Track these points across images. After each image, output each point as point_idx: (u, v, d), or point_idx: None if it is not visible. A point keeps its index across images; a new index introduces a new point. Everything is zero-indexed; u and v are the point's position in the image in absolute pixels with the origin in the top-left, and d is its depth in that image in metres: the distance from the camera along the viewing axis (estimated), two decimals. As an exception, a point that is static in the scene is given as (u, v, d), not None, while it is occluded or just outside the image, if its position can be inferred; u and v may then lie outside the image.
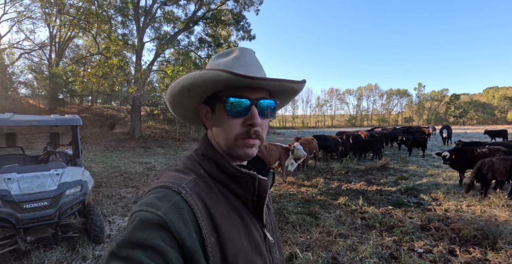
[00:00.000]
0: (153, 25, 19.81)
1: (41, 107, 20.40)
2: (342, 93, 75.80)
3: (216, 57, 0.68)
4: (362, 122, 70.13)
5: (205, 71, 0.58)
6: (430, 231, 4.06)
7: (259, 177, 0.62)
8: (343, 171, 8.65)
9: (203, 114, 0.68)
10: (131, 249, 0.46)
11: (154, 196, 0.54)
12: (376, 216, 4.52)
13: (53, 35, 22.87)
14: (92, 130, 19.43)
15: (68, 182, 3.37)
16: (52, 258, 3.20)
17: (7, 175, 3.16)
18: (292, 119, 71.71)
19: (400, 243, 3.64)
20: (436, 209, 5.00)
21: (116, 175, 8.00)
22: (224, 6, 19.67)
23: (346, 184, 7.01)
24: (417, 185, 6.74)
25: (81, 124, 4.40)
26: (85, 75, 16.58)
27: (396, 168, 8.94)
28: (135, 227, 0.49)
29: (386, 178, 7.54)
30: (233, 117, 0.62)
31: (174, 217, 0.50)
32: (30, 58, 23.19)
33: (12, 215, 2.90)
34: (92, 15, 14.21)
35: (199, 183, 0.60)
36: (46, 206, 3.10)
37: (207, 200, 0.57)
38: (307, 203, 5.34)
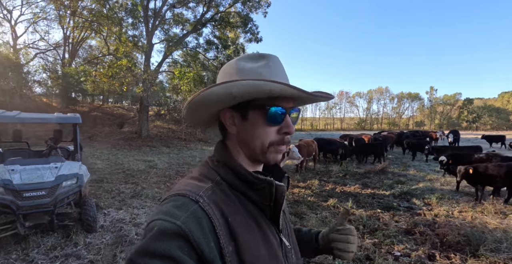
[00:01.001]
0: (163, 27, 20.22)
1: (54, 106, 21.15)
2: (352, 96, 75.03)
3: (242, 61, 0.67)
4: (372, 126, 69.21)
5: (263, 82, 0.58)
6: (414, 235, 4.08)
7: (276, 183, 0.62)
8: (341, 174, 8.69)
9: (227, 119, 0.67)
10: (149, 259, 0.47)
11: (172, 205, 0.54)
12: (361, 219, 4.58)
13: (66, 36, 23.77)
14: (101, 129, 19.96)
15: (65, 175, 3.68)
16: (47, 243, 3.49)
17: (11, 166, 3.51)
18: (301, 121, 71.34)
19: (379, 246, 3.70)
20: (426, 214, 5.02)
21: (119, 172, 8.29)
22: (232, 8, 19.93)
23: (341, 186, 7.07)
24: (412, 189, 6.73)
25: (80, 122, 4.64)
26: (97, 75, 17.09)
27: (395, 172, 8.92)
28: (153, 236, 0.49)
29: (382, 182, 7.55)
30: (270, 125, 0.64)
31: (193, 226, 0.50)
32: (45, 58, 24.26)
33: (13, 202, 3.23)
34: (103, 18, 14.69)
35: (216, 191, 0.60)
36: (43, 195, 3.41)
37: (224, 209, 0.57)
38: (296, 204, 5.45)
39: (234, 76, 0.65)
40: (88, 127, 19.30)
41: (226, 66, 0.69)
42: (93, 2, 14.82)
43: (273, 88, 0.58)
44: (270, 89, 0.58)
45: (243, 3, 19.18)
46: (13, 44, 21.55)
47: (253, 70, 0.64)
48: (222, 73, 0.69)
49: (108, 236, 3.83)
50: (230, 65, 0.68)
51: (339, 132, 47.26)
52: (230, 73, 0.66)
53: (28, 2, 20.33)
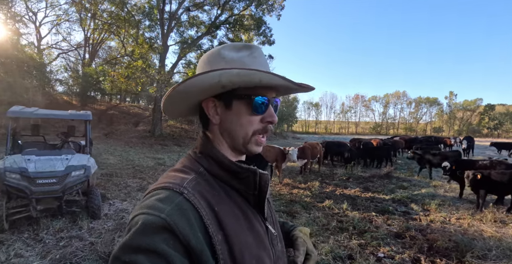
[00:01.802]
0: (178, 29, 20.76)
1: (74, 104, 22.23)
2: (368, 100, 73.68)
3: (226, 50, 0.66)
4: (387, 130, 67.65)
5: (253, 71, 0.59)
6: (404, 239, 4.12)
7: (260, 172, 0.63)
8: (345, 177, 8.73)
9: (210, 108, 0.67)
10: (134, 254, 0.46)
11: (155, 198, 0.53)
12: (353, 220, 4.68)
13: (87, 37, 24.98)
14: (117, 127, 20.70)
15: (74, 166, 4.09)
16: (56, 226, 3.92)
17: (27, 156, 3.95)
18: (315, 124, 70.92)
19: (365, 247, 3.78)
20: (421, 219, 5.02)
21: (128, 167, 8.70)
22: (247, 11, 20.21)
23: (342, 189, 7.13)
24: (413, 194, 6.71)
25: (91, 119, 5.01)
26: (115, 75, 17.80)
27: (400, 177, 8.86)
28: (137, 230, 0.48)
29: (384, 186, 7.55)
30: (254, 115, 0.65)
31: (178, 218, 0.50)
32: (67, 58, 25.68)
33: (27, 187, 3.66)
34: (121, 20, 15.35)
35: (200, 181, 0.60)
36: (54, 183, 3.83)
37: (210, 199, 0.57)
38: (291, 203, 5.59)
39: (217, 64, 0.64)
40: (104, 124, 20.10)
41: (207, 55, 0.69)
42: (112, 5, 15.53)
43: (263, 78, 0.60)
44: (260, 78, 0.59)
45: (256, 6, 19.42)
46: (37, 44, 22.91)
47: (237, 60, 0.64)
48: (203, 62, 0.69)
49: (110, 223, 4.18)
50: (212, 53, 0.67)
51: (353, 136, 46.69)
52: (212, 61, 0.66)
53: (52, 5, 21.68)
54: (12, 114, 4.23)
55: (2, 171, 3.65)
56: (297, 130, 59.37)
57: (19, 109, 4.34)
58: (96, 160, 8.95)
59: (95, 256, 3.20)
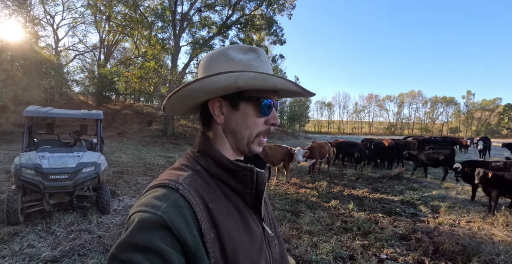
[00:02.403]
0: (190, 30, 21.02)
1: (90, 103, 22.97)
2: (382, 99, 72.05)
3: (232, 51, 0.67)
4: (402, 131, 66.06)
5: (268, 76, 0.61)
6: (409, 241, 4.05)
7: (257, 170, 0.63)
8: (354, 178, 8.65)
9: (215, 108, 0.66)
10: (131, 252, 0.46)
11: (152, 196, 0.54)
12: (357, 221, 4.65)
13: (102, 39, 25.81)
14: (131, 126, 21.20)
15: (85, 162, 4.28)
16: (67, 220, 4.13)
17: (42, 153, 4.17)
18: (328, 124, 70.21)
19: (368, 248, 3.76)
20: (430, 222, 4.93)
21: (140, 165, 8.92)
22: (258, 10, 20.25)
23: (350, 190, 7.08)
24: (423, 196, 6.58)
25: (102, 118, 5.19)
26: (129, 76, 18.25)
27: (411, 179, 8.70)
28: (134, 228, 0.49)
29: (393, 187, 7.44)
30: (260, 117, 0.66)
31: (174, 215, 0.50)
32: (83, 59, 26.66)
33: (41, 182, 3.87)
34: (134, 22, 15.71)
35: (196, 179, 0.60)
36: (66, 179, 4.03)
37: (205, 196, 0.57)
38: (297, 203, 5.60)
39: (223, 65, 0.65)
40: (119, 124, 20.63)
41: (211, 56, 0.69)
42: (126, 8, 15.94)
43: (277, 82, 0.62)
44: (275, 82, 0.62)
45: (267, 5, 19.43)
46: (55, 46, 23.82)
47: (245, 62, 0.65)
48: (208, 62, 0.69)
49: (118, 218, 4.35)
50: (218, 54, 0.67)
51: (367, 136, 45.98)
52: (218, 62, 0.66)
53: (68, 8, 22.57)
54: (28, 113, 4.46)
55: (18, 167, 3.87)
56: (309, 130, 58.99)
57: (35, 109, 4.56)
58: (109, 158, 9.30)
59: (101, 248, 3.35)
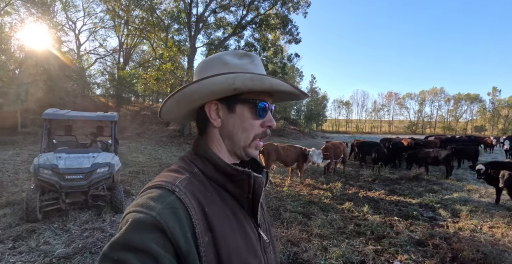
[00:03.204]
0: (206, 31, 21.26)
1: (110, 105, 23.79)
2: (402, 97, 69.69)
3: (228, 56, 0.68)
4: (424, 130, 63.63)
5: (265, 77, 0.62)
6: (426, 247, 3.86)
7: (254, 175, 0.63)
8: (370, 179, 8.42)
9: (212, 111, 0.67)
10: (123, 252, 0.46)
11: (148, 196, 0.54)
12: (371, 224, 4.49)
13: (121, 43, 26.73)
14: (149, 127, 21.73)
15: (99, 163, 4.41)
16: (82, 218, 4.28)
17: (59, 154, 4.35)
18: (346, 123, 68.96)
19: (381, 253, 3.62)
20: (449, 226, 4.69)
21: (155, 165, 9.11)
22: (273, 10, 20.15)
23: (365, 191, 6.88)
24: (443, 199, 6.29)
25: (116, 119, 5.33)
26: (147, 78, 18.71)
27: (431, 180, 8.33)
28: (128, 228, 0.48)
29: (411, 189, 7.16)
30: (257, 119, 0.67)
31: (169, 217, 0.50)
32: (104, 62, 27.73)
33: (57, 182, 4.03)
34: (151, 26, 16.10)
35: (193, 181, 0.60)
36: (81, 179, 4.17)
37: (201, 199, 0.57)
38: (309, 204, 5.50)
39: (220, 69, 0.65)
40: (137, 124, 21.21)
41: (206, 61, 0.70)
42: (143, 12, 16.36)
43: (273, 83, 0.62)
44: (271, 83, 0.62)
45: (282, 4, 19.30)
46: (77, 51, 24.89)
47: (240, 66, 0.66)
48: (203, 67, 0.69)
49: (130, 218, 4.45)
50: (214, 59, 0.68)
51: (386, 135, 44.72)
52: (214, 65, 0.67)
53: (89, 14, 23.54)
54: (46, 116, 4.65)
55: (36, 167, 4.06)
56: (327, 129, 58.12)
57: (53, 111, 4.75)
58: (126, 158, 9.56)
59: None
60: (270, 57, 21.65)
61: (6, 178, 6.56)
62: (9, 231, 3.71)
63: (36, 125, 13.55)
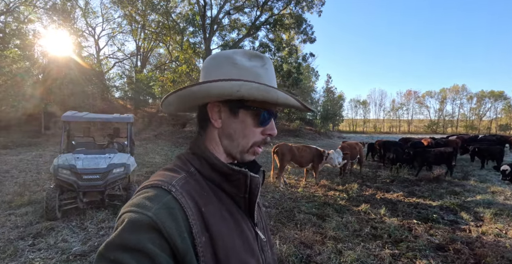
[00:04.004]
0: (220, 33, 21.46)
1: (128, 107, 24.43)
2: (422, 96, 66.87)
3: (239, 56, 0.65)
4: (445, 129, 60.96)
5: (273, 89, 0.60)
6: (446, 252, 3.69)
7: (251, 175, 0.62)
8: (388, 180, 8.17)
9: (214, 112, 0.66)
10: (120, 252, 0.46)
11: (144, 196, 0.53)
12: (389, 227, 4.34)
13: (138, 46, 27.42)
14: (166, 128, 22.16)
15: (115, 163, 4.53)
16: (99, 217, 4.38)
17: (77, 155, 4.50)
18: (363, 123, 67.39)
19: (398, 258, 3.48)
20: (471, 230, 4.46)
21: (171, 166, 9.24)
22: (288, 9, 20.06)
23: (383, 193, 6.68)
24: (465, 201, 6.00)
25: (132, 121, 5.46)
26: (163, 80, 19.09)
27: (452, 181, 7.98)
28: (124, 228, 0.48)
29: (432, 191, 6.88)
30: (258, 127, 0.65)
31: (165, 217, 0.49)
32: (122, 66, 28.54)
33: (75, 181, 4.18)
34: (167, 29, 16.43)
35: (190, 181, 0.59)
36: (98, 179, 4.30)
37: (198, 199, 0.57)
38: (324, 206, 5.39)
39: (229, 70, 0.63)
40: (155, 126, 21.66)
41: (217, 58, 0.67)
42: (159, 16, 16.72)
43: (280, 97, 0.61)
44: (278, 97, 0.61)
45: (296, 3, 19.18)
46: (96, 55, 25.74)
47: (250, 68, 0.64)
48: (212, 64, 0.67)
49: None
50: (222, 56, 0.66)
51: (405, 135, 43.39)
52: (222, 65, 0.64)
53: (107, 19, 24.34)
54: (65, 118, 4.83)
55: (56, 167, 4.22)
56: (343, 130, 57.09)
57: (71, 114, 4.92)
58: (143, 158, 9.77)
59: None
60: (285, 57, 21.56)
61: (29, 178, 6.86)
62: (30, 228, 3.87)
63: (58, 127, 14.13)
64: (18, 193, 5.36)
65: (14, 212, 4.48)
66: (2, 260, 3.08)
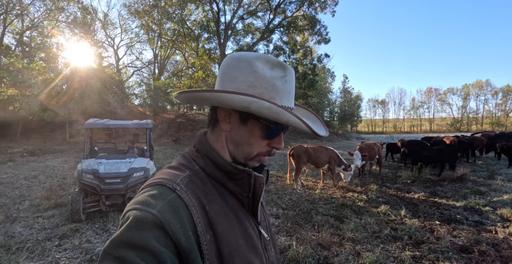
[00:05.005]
0: (235, 38, 21.73)
1: (148, 114, 25.16)
2: (443, 93, 64.03)
3: (260, 63, 0.62)
4: (469, 126, 58.06)
5: (283, 111, 0.57)
6: (470, 254, 3.53)
7: (255, 174, 0.63)
8: (409, 180, 7.92)
9: (223, 116, 0.65)
10: (124, 249, 0.46)
11: (148, 194, 0.53)
12: (409, 229, 4.21)
13: (155, 55, 28.34)
14: (184, 133, 22.57)
15: (135, 168, 4.72)
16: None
17: (99, 160, 4.73)
18: (382, 123, 65.72)
19: (419, 260, 3.37)
20: (498, 232, 4.24)
21: (188, 170, 9.42)
22: (300, 11, 20.04)
23: (403, 194, 6.50)
24: (491, 201, 5.72)
25: (151, 126, 5.65)
26: (181, 86, 19.54)
27: (477, 181, 7.62)
28: (128, 226, 0.48)
29: (455, 191, 6.61)
30: (265, 139, 0.64)
31: (170, 215, 0.50)
32: (141, 74, 29.59)
33: (98, 185, 4.37)
34: (182, 37, 16.88)
35: (194, 179, 0.60)
36: (119, 182, 4.48)
37: (202, 197, 0.57)
38: (342, 208, 5.31)
39: (247, 76, 0.61)
40: (173, 131, 22.13)
41: (239, 60, 0.63)
42: (174, 24, 17.22)
43: (290, 120, 0.58)
44: (288, 120, 0.58)
45: (309, 5, 19.14)
46: (116, 65, 26.85)
47: (269, 79, 0.61)
48: (232, 66, 0.63)
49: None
50: (245, 61, 0.62)
51: (427, 134, 41.83)
52: (241, 70, 0.62)
53: (125, 30, 25.43)
54: (88, 125, 5.07)
55: (79, 172, 4.43)
56: (362, 130, 55.98)
57: (93, 121, 5.17)
58: (162, 163, 10.02)
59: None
60: (299, 59, 21.50)
61: (55, 183, 7.23)
62: (56, 230, 4.08)
63: (81, 135, 14.82)
64: (45, 197, 5.64)
65: (41, 215, 4.73)
66: (31, 259, 3.26)
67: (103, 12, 27.72)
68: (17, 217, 4.64)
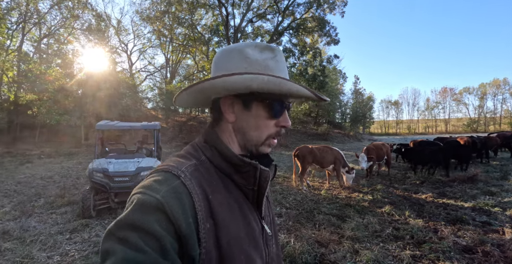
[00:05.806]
0: (244, 41, 21.96)
1: (160, 117, 25.74)
2: (459, 93, 62.23)
3: (250, 49, 0.64)
4: (487, 127, 55.71)
5: (284, 81, 0.59)
6: (473, 254, 3.47)
7: (261, 167, 0.63)
8: (418, 181, 7.81)
9: (227, 106, 0.66)
10: (128, 231, 0.47)
11: (154, 179, 0.55)
12: (412, 229, 4.19)
13: (167, 59, 29.19)
14: (196, 136, 22.73)
15: (143, 167, 4.92)
16: None
17: (109, 159, 4.97)
18: (396, 124, 64.50)
19: (419, 259, 3.35)
20: (506, 232, 4.15)
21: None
22: (310, 13, 20.07)
23: (411, 194, 6.43)
24: (502, 202, 5.58)
25: (159, 128, 5.86)
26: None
27: (489, 182, 7.42)
28: (133, 209, 0.50)
29: (465, 192, 6.48)
30: (271, 119, 0.65)
31: (172, 201, 0.51)
32: (154, 78, 30.47)
33: (107, 183, 4.59)
34: (192, 41, 17.26)
35: (199, 168, 0.60)
36: (127, 181, 4.69)
37: (206, 186, 0.58)
38: (346, 207, 5.32)
39: (238, 63, 0.63)
40: (185, 134, 22.52)
41: (228, 51, 0.66)
42: (185, 29, 17.64)
43: (291, 88, 0.60)
44: (289, 88, 0.60)
45: (318, 6, 19.14)
46: (129, 69, 27.74)
47: (261, 61, 0.64)
48: (224, 57, 0.66)
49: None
50: (234, 51, 0.65)
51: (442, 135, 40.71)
52: (234, 58, 0.64)
53: (138, 35, 26.35)
54: (99, 127, 5.33)
55: (90, 171, 4.67)
56: (375, 132, 55.09)
57: (104, 123, 5.42)
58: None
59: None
60: (309, 60, 21.47)
61: (69, 182, 7.59)
62: (68, 225, 4.31)
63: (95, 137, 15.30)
64: (59, 195, 5.93)
65: (55, 211, 5.01)
66: (44, 250, 3.49)
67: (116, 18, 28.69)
68: (32, 213, 4.93)
